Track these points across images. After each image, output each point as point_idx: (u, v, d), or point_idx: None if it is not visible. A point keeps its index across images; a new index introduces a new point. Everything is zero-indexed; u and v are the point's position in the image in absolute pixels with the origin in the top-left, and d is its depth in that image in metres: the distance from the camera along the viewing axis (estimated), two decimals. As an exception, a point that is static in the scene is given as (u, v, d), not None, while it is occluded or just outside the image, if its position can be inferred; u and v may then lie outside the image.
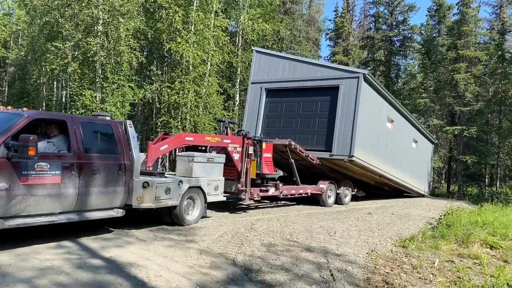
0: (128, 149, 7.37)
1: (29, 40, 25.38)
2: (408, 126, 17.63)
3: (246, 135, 10.21)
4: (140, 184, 7.38)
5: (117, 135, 7.33)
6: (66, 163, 6.47)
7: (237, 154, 10.02)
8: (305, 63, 14.35)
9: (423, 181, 20.70)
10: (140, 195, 7.37)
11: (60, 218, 6.39)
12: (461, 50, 27.63)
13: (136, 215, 8.41)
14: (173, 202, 7.98)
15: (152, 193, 7.47)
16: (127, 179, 7.30)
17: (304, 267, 6.15)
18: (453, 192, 29.37)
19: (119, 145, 7.30)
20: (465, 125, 27.91)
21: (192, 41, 22.04)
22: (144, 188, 7.38)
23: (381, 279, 6.03)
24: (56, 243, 6.40)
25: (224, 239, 7.55)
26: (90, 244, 6.53)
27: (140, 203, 7.40)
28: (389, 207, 14.84)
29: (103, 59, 19.17)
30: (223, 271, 5.65)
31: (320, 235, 8.49)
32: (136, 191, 7.35)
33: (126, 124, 7.56)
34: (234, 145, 10.01)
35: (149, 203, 7.48)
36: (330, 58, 37.98)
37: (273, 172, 11.33)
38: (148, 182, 7.45)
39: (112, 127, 7.38)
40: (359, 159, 13.04)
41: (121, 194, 7.26)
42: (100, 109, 19.41)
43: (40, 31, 21.63)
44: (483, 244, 8.98)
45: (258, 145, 10.59)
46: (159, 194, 7.61)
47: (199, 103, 23.02)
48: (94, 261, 5.71)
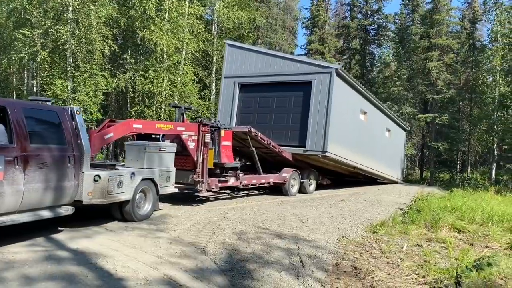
0: (77, 139, 6.65)
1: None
2: (381, 116, 17.87)
3: (202, 122, 9.52)
4: (91, 178, 6.69)
5: (64, 123, 6.54)
6: (9, 156, 5.64)
7: (192, 142, 9.32)
8: (278, 58, 14.26)
9: (396, 168, 21.08)
10: (91, 190, 6.67)
11: (3, 220, 5.58)
12: (433, 38, 28.06)
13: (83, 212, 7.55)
14: (126, 196, 7.33)
15: (104, 187, 6.81)
16: (76, 172, 6.58)
17: (274, 254, 6.19)
18: (425, 179, 30.06)
19: (67, 135, 6.52)
20: (437, 113, 28.48)
21: (166, 29, 21.68)
22: (96, 182, 6.70)
23: (349, 264, 6.12)
24: (22, 236, 6.24)
25: (196, 228, 7.52)
26: (58, 236, 6.41)
27: (92, 198, 6.72)
28: (362, 193, 15.05)
29: (73, 48, 18.66)
30: (192, 260, 5.63)
31: (292, 222, 8.55)
32: (86, 186, 6.65)
33: (74, 111, 6.79)
34: (189, 132, 9.29)
35: (101, 199, 6.84)
36: (306, 47, 38.03)
37: (233, 161, 10.73)
38: (100, 175, 6.76)
39: (58, 114, 6.54)
40: (332, 154, 13.15)
41: (70, 190, 6.52)
42: (72, 99, 18.99)
43: (7, 18, 20.86)
44: (451, 229, 9.22)
45: (216, 133, 10.09)
46: (111, 188, 6.94)
47: (174, 92, 22.74)
48: (60, 253, 5.61)
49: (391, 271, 5.91)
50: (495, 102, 25.70)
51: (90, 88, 19.50)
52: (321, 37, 35.23)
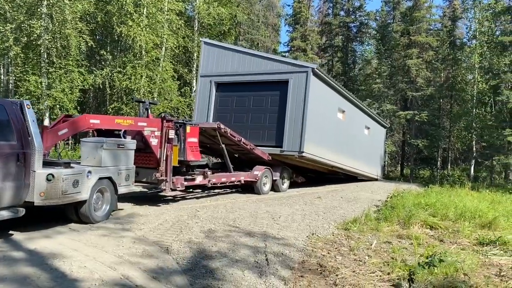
0: (27, 135, 6.18)
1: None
2: (360, 114, 17.91)
3: (165, 117, 9.05)
4: (44, 177, 6.19)
5: (12, 118, 6.08)
6: None
7: (155, 139, 8.84)
8: (255, 56, 14.08)
9: (376, 165, 21.19)
10: (43, 190, 6.19)
11: None
12: (413, 36, 28.26)
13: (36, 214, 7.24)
14: (83, 196, 6.86)
15: (58, 187, 6.35)
16: (27, 171, 6.10)
17: (240, 253, 6.07)
18: (406, 175, 30.32)
19: (16, 130, 6.07)
20: (417, 110, 28.72)
21: (144, 24, 21.38)
22: (49, 181, 6.23)
23: (316, 262, 6.05)
24: (-22, 236, 6.02)
25: (164, 227, 7.36)
26: (15, 237, 6.18)
27: (44, 199, 6.23)
28: (340, 191, 15.07)
29: (47, 43, 18.24)
30: (154, 260, 5.48)
31: (264, 220, 8.45)
32: (38, 186, 6.15)
33: (23, 105, 6.31)
34: (151, 128, 8.80)
35: (54, 199, 6.36)
36: (289, 44, 37.97)
37: (200, 158, 10.23)
38: (53, 174, 6.30)
39: (5, 109, 6.07)
40: (309, 154, 13.09)
41: (20, 190, 6.04)
42: (46, 96, 18.58)
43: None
44: (423, 225, 9.24)
45: (181, 129, 9.59)
46: (66, 188, 6.49)
47: (152, 89, 22.46)
48: (15, 254, 5.40)
49: (357, 268, 5.85)
50: (474, 99, 25.99)
51: (65, 84, 19.12)
52: (303, 34, 35.21)
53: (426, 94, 28.79)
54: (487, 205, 11.46)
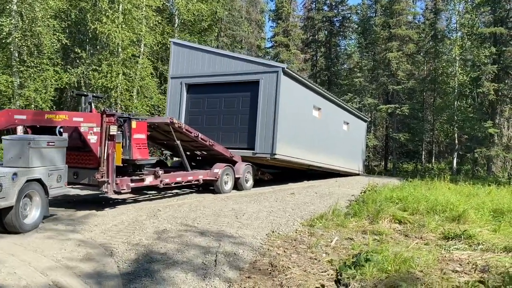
0: None
1: None
2: (337, 110, 17.72)
3: (105, 112, 8.14)
4: None
5: None
6: None
7: (94, 135, 8.00)
8: (225, 57, 13.81)
9: (356, 160, 21.05)
10: None
11: None
12: (393, 29, 28.13)
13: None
14: (7, 202, 6.02)
15: None
16: None
17: (189, 254, 5.81)
18: (390, 170, 30.25)
19: None
20: (399, 104, 28.64)
21: (119, 21, 20.95)
22: None
23: (268, 261, 5.81)
24: None
25: (117, 228, 7.07)
26: (-48, 242, 5.85)
27: None
28: (317, 186, 14.85)
29: (18, 41, 17.76)
30: (93, 264, 5.20)
31: (226, 218, 8.18)
32: None
33: None
34: (89, 124, 7.92)
35: None
36: (272, 40, 37.68)
37: (148, 156, 9.31)
38: None
39: None
40: (282, 156, 12.86)
41: None
42: (18, 95, 18.12)
43: None
44: (392, 220, 9.06)
45: (126, 124, 8.75)
46: None
47: (130, 87, 22.06)
48: None
49: (309, 267, 5.62)
50: (455, 92, 25.94)
51: (38, 83, 18.66)
52: (285, 29, 34.89)
53: (407, 87, 28.70)
54: (460, 198, 11.30)
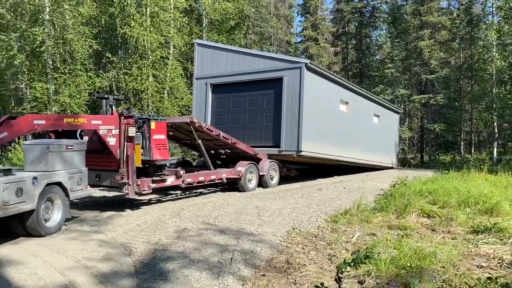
0: None
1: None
2: (366, 103, 17.33)
3: (123, 114, 8.16)
4: None
5: None
6: None
7: (113, 138, 8.04)
8: (248, 55, 13.80)
9: (389, 154, 20.54)
10: None
11: None
12: (424, 16, 27.17)
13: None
14: (29, 206, 6.11)
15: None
16: None
17: (206, 252, 5.84)
18: (425, 162, 29.33)
19: None
20: (433, 93, 27.66)
21: (147, 24, 21.36)
22: None
23: (284, 259, 5.75)
24: None
25: (139, 228, 7.20)
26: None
27: None
28: (346, 181, 14.58)
29: (50, 49, 18.45)
30: (111, 264, 5.31)
31: (248, 216, 8.17)
32: None
33: None
34: (108, 126, 7.98)
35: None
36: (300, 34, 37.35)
37: (168, 157, 9.34)
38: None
39: None
40: (309, 152, 12.74)
41: None
42: (53, 101, 18.84)
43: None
44: (420, 214, 8.77)
45: (145, 126, 8.84)
46: (8, 198, 5.77)
47: (160, 89, 22.47)
48: (-27, 262, 5.34)
49: (326, 264, 5.52)
50: (493, 78, 24.79)
51: (72, 89, 19.32)
52: (314, 23, 34.49)
53: (441, 76, 27.65)
54: (496, 190, 10.79)
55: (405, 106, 30.45)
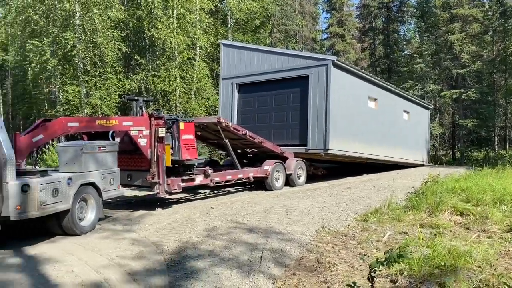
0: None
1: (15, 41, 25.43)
2: (396, 99, 17.03)
3: (153, 114, 8.36)
4: (18, 188, 5.67)
5: None
6: None
7: (143, 138, 8.23)
8: (273, 54, 13.81)
9: (420, 151, 20.13)
10: (19, 203, 5.66)
11: None
12: (454, 9, 26.42)
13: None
14: (64, 205, 6.31)
15: (35, 198, 5.79)
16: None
17: (236, 250, 5.88)
18: (457, 159, 28.55)
19: None
20: (464, 88, 26.87)
21: (174, 26, 21.64)
22: (25, 192, 5.70)
23: (314, 258, 5.72)
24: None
25: (170, 227, 7.32)
26: (21, 241, 6.35)
27: (21, 212, 5.70)
28: (376, 179, 14.38)
29: (81, 53, 18.95)
30: (144, 262, 5.42)
31: (276, 215, 8.17)
32: (13, 198, 5.62)
33: None
34: (139, 127, 8.16)
35: (32, 212, 5.81)
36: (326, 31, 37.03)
37: (196, 156, 9.47)
38: (29, 184, 5.75)
39: None
40: (336, 150, 12.63)
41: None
42: (85, 104, 19.35)
43: (22, 30, 21.54)
44: (453, 212, 8.55)
45: (174, 126, 9.01)
46: (45, 198, 5.92)
47: (187, 90, 22.74)
48: (13, 260, 5.55)
49: (357, 263, 5.46)
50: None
51: (102, 91, 19.79)
52: (340, 19, 34.14)
53: (473, 70, 26.83)
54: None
55: (436, 101, 29.69)
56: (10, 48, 34.73)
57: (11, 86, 36.86)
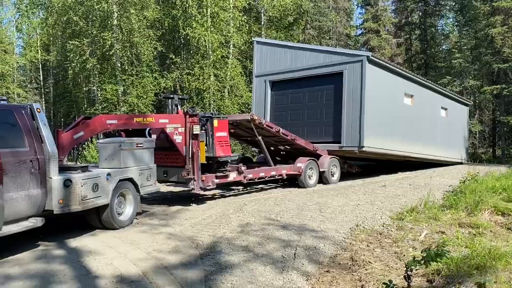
0: (40, 140, 5.86)
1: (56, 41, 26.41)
2: (433, 96, 16.56)
3: (188, 112, 8.49)
4: (61, 183, 5.87)
5: (22, 123, 5.74)
6: None
7: (179, 136, 8.39)
8: (307, 50, 13.71)
9: (458, 148, 19.53)
10: (62, 197, 5.88)
11: None
12: (495, 1, 25.36)
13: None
14: (104, 200, 6.51)
15: (77, 192, 6.01)
16: (42, 178, 5.79)
17: (269, 247, 5.92)
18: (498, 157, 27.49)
19: (27, 136, 5.73)
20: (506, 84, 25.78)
21: (208, 25, 21.88)
22: (67, 187, 5.91)
23: (349, 256, 5.70)
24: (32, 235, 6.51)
25: (205, 222, 7.44)
26: (65, 234, 6.61)
27: (64, 206, 5.92)
28: (412, 177, 14.08)
29: (118, 52, 19.47)
30: (180, 256, 5.54)
31: (309, 212, 8.15)
32: (56, 192, 5.84)
33: (33, 109, 5.96)
34: (174, 125, 8.32)
35: (74, 206, 6.02)
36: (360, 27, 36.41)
37: (230, 153, 9.57)
38: (71, 179, 5.98)
39: (14, 114, 5.73)
40: (371, 148, 12.45)
41: (37, 198, 5.72)
42: (122, 102, 19.88)
43: (63, 31, 22.35)
44: (494, 211, 8.28)
45: (208, 124, 9.14)
46: (85, 193, 6.13)
47: (221, 87, 22.96)
48: (56, 252, 5.79)
49: (392, 262, 5.40)
50: None
51: (139, 90, 20.28)
52: (375, 15, 33.40)
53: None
54: None
55: (475, 98, 28.69)
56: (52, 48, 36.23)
57: (52, 85, 38.27)
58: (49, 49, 36.71)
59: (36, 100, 32.76)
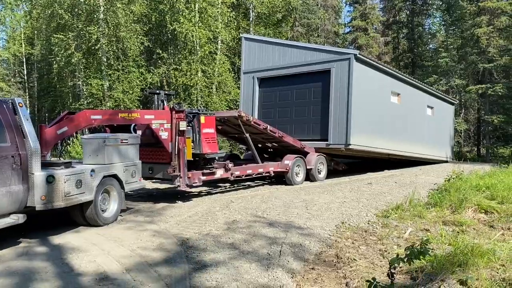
0: (22, 135, 5.75)
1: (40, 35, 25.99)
2: (419, 94, 16.74)
3: (175, 108, 8.37)
4: (43, 179, 5.78)
5: (3, 118, 5.62)
6: None
7: (165, 132, 8.30)
8: (295, 48, 13.72)
9: (444, 147, 19.77)
10: (45, 194, 5.79)
11: None
12: (481, 2, 25.68)
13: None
14: (88, 197, 6.44)
15: (60, 188, 5.91)
16: (24, 174, 5.68)
17: (255, 244, 5.90)
18: (482, 156, 27.91)
19: (9, 131, 5.60)
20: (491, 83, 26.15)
21: (195, 20, 21.72)
22: (49, 183, 5.82)
23: (334, 253, 5.71)
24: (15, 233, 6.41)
25: (191, 219, 7.39)
26: (47, 231, 6.51)
27: (46, 203, 5.82)
28: (398, 175, 14.21)
29: (104, 47, 19.23)
30: (164, 253, 5.49)
31: (295, 209, 8.16)
32: (39, 189, 5.75)
33: (15, 103, 5.83)
34: (160, 121, 8.22)
35: (57, 202, 5.92)
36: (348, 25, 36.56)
37: (217, 150, 9.44)
38: (54, 175, 5.87)
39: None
40: (358, 146, 12.55)
41: (19, 195, 5.62)
42: (108, 97, 19.65)
43: (47, 25, 21.98)
44: (477, 209, 8.39)
45: (195, 120, 9.03)
46: (69, 189, 6.05)
47: (209, 84, 22.84)
48: (39, 249, 5.69)
49: (377, 259, 5.42)
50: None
51: (125, 85, 20.06)
52: (363, 13, 33.61)
53: (500, 65, 26.07)
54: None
55: (461, 97, 29.06)
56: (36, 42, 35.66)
57: (37, 79, 37.73)
58: (33, 43, 36.17)
59: (20, 94, 32.26)
